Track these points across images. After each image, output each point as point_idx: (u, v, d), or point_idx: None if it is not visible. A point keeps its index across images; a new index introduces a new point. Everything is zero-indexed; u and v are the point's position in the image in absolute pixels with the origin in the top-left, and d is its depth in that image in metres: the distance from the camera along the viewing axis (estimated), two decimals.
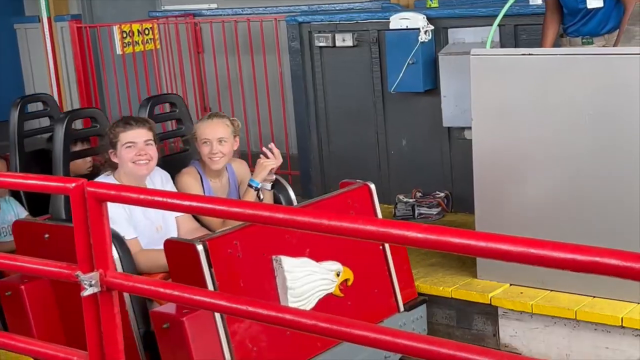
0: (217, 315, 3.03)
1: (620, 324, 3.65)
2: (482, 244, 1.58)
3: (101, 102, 7.65)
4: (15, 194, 4.27)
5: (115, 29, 6.73)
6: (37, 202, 4.18)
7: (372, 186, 3.90)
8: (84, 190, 2.28)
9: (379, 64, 5.68)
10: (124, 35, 6.66)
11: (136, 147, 3.54)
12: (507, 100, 3.99)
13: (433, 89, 5.33)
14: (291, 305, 3.29)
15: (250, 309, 2.04)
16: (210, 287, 3.06)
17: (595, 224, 3.70)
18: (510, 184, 3.97)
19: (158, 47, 7.07)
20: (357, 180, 3.93)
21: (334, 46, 5.81)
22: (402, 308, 3.78)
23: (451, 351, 1.62)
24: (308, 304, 3.35)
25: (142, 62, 7.04)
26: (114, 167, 3.68)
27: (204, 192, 3.87)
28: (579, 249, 1.45)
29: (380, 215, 3.93)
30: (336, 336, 2.01)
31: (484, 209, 4.00)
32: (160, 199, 2.36)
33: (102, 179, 3.61)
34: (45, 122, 4.95)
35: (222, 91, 6.94)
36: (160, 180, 3.81)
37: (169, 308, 3.02)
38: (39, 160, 4.32)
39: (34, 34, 8.69)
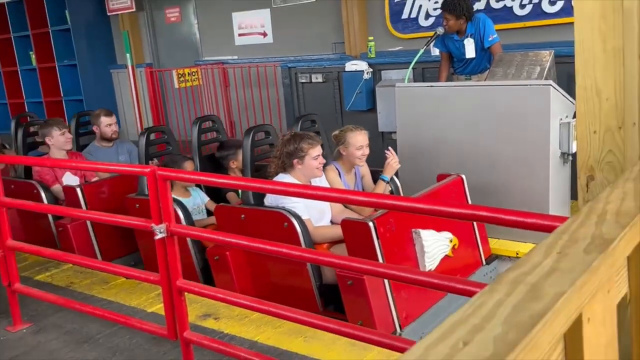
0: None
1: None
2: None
3: (165, 120, 8.28)
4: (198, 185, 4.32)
5: (174, 72, 7.51)
6: (211, 191, 4.33)
7: (463, 176, 3.87)
8: (155, 173, 2.58)
9: (339, 93, 6.46)
10: (179, 75, 7.47)
11: (319, 159, 3.59)
12: (418, 114, 4.38)
13: (372, 108, 6.04)
14: (427, 263, 3.35)
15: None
16: (379, 253, 3.10)
17: (475, 186, 3.94)
18: (422, 166, 4.27)
19: (200, 83, 7.79)
20: (451, 173, 3.88)
21: (311, 82, 6.72)
22: (484, 262, 3.85)
23: None
24: (435, 263, 3.41)
25: (191, 93, 7.84)
26: (285, 169, 3.62)
27: (343, 184, 3.87)
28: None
29: (469, 199, 3.88)
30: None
31: (405, 182, 4.18)
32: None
33: (281, 178, 3.59)
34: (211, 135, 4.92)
35: (241, 111, 7.63)
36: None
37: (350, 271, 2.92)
38: (211, 162, 4.50)
39: (122, 76, 9.19)
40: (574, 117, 3.91)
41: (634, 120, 1.53)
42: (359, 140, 3.89)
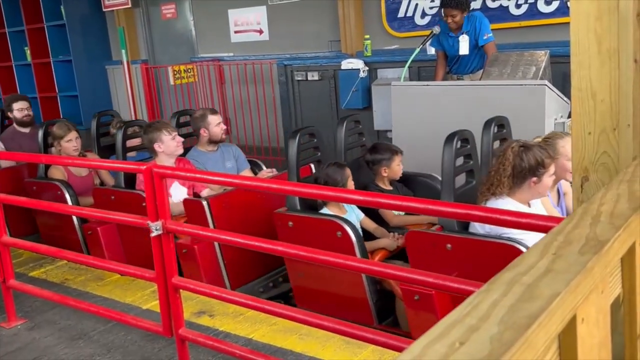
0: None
1: None
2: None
3: (161, 116, 8.20)
4: None
5: (170, 69, 7.44)
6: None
7: None
8: (152, 170, 2.57)
9: (335, 91, 6.45)
10: (175, 72, 7.42)
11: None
12: (414, 113, 4.42)
13: (368, 106, 5.98)
14: None
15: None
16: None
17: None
18: (416, 162, 4.12)
19: (196, 80, 7.74)
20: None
21: (307, 80, 6.70)
22: None
23: None
24: None
25: (186, 90, 7.82)
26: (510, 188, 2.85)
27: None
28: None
29: None
30: None
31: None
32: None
33: (502, 204, 2.75)
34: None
35: (237, 109, 7.58)
36: None
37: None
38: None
39: (118, 72, 9.15)
40: (569, 117, 3.93)
41: (629, 121, 1.54)
42: (568, 150, 2.90)
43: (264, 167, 4.47)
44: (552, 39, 5.40)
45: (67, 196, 4.35)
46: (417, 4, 6.39)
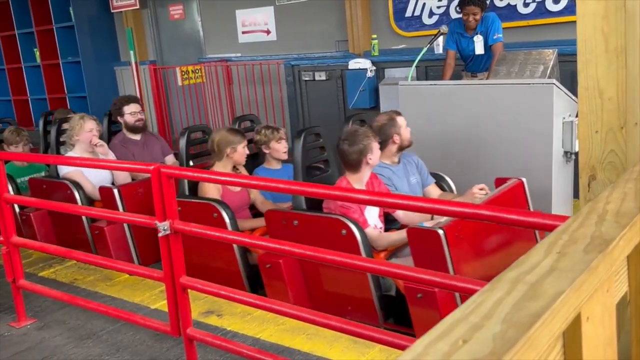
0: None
1: None
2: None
3: (169, 117, 8.36)
4: None
5: (178, 69, 7.53)
6: None
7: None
8: (159, 171, 2.59)
9: (342, 91, 6.47)
10: (183, 73, 7.48)
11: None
12: (421, 112, 4.35)
13: (375, 106, 6.04)
14: None
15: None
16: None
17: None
18: (423, 160, 4.07)
19: (204, 80, 7.81)
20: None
21: (314, 80, 6.74)
22: None
23: None
24: None
25: (194, 90, 7.88)
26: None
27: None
28: None
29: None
30: None
31: None
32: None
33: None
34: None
35: (245, 109, 7.55)
36: None
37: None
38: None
39: (126, 73, 9.21)
40: (577, 116, 3.90)
41: (636, 120, 1.54)
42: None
43: None
44: (560, 37, 5.38)
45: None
46: (424, 4, 6.38)
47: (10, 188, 4.29)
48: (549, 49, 4.51)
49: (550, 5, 5.65)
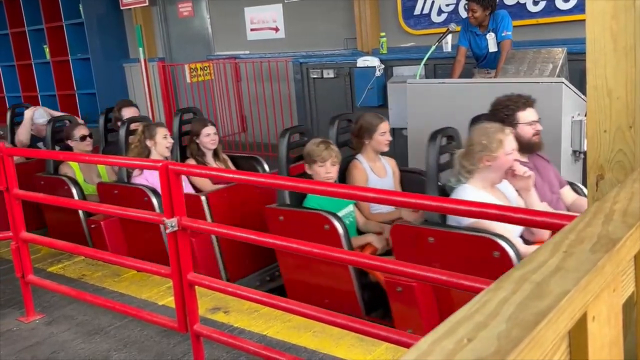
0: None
1: None
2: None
3: None
4: None
5: (186, 67, 7.52)
6: None
7: None
8: (167, 167, 2.58)
9: (350, 89, 6.49)
10: (192, 70, 7.49)
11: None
12: (430, 110, 4.37)
13: (383, 104, 6.00)
14: None
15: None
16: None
17: None
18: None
19: (212, 78, 7.81)
20: None
21: (322, 77, 6.76)
22: None
23: None
24: None
25: (202, 88, 7.88)
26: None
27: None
28: None
29: None
30: None
31: None
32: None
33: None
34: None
35: (252, 106, 7.65)
36: None
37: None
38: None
39: (135, 70, 9.28)
40: (586, 115, 3.88)
41: None
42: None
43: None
44: (569, 36, 5.36)
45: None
46: (433, 2, 6.37)
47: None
48: (558, 47, 4.49)
49: (560, 4, 5.62)
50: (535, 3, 5.75)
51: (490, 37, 4.97)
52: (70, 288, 3.47)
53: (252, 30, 8.00)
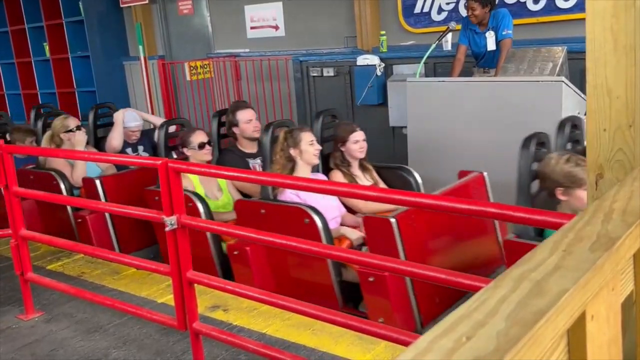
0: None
1: None
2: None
3: (177, 112, 8.38)
4: None
5: (186, 65, 7.53)
6: None
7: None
8: (167, 165, 2.58)
9: (350, 87, 6.46)
10: (192, 68, 7.49)
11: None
12: (429, 109, 4.44)
13: (383, 102, 5.99)
14: None
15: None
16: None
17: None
18: (432, 161, 4.30)
19: (212, 76, 7.81)
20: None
21: (322, 76, 6.73)
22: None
23: None
24: None
25: (202, 86, 7.92)
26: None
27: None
28: None
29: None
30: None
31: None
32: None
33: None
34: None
35: (253, 104, 7.68)
36: None
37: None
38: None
39: (135, 68, 9.23)
40: (586, 114, 3.88)
41: None
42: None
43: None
44: (570, 35, 5.35)
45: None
46: (433, 0, 6.36)
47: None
48: (558, 46, 4.50)
49: (560, 3, 5.62)
50: (536, 2, 5.75)
51: (490, 36, 4.97)
52: (70, 286, 3.47)
53: (252, 28, 7.99)
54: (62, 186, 4.53)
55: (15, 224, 3.41)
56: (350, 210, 3.77)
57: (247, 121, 4.20)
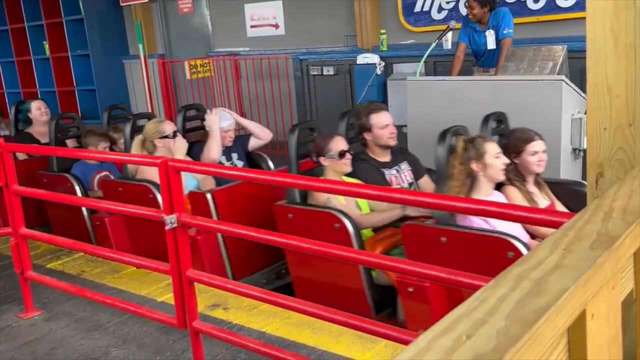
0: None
1: None
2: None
3: (177, 111, 8.50)
4: None
5: (186, 63, 7.57)
6: None
7: None
8: (167, 164, 2.58)
9: (350, 86, 6.48)
10: (191, 67, 7.53)
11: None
12: (429, 108, 4.40)
13: (383, 101, 5.93)
14: None
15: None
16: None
17: None
18: (430, 158, 4.33)
19: (212, 74, 7.85)
20: None
21: (322, 74, 6.75)
22: None
23: None
24: None
25: (202, 84, 7.93)
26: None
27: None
28: None
29: None
30: None
31: None
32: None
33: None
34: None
35: (253, 103, 7.61)
36: None
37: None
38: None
39: (135, 66, 9.26)
40: (586, 113, 3.88)
41: None
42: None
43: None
44: (570, 33, 5.36)
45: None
46: None
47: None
48: (558, 45, 4.50)
49: (560, 1, 5.62)
50: (536, 0, 5.76)
51: (490, 35, 4.97)
52: (70, 284, 3.47)
53: (252, 27, 8.00)
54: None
55: (15, 222, 3.40)
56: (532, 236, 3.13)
57: (383, 126, 3.61)
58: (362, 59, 6.28)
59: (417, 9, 6.48)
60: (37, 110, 5.42)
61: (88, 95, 9.40)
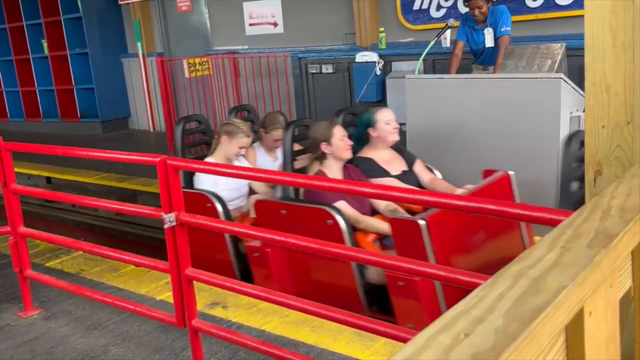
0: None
1: None
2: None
3: (176, 109, 8.33)
4: None
5: (185, 61, 7.57)
6: None
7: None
8: (165, 162, 2.56)
9: (349, 84, 6.49)
10: (190, 65, 7.51)
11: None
12: (428, 106, 4.42)
13: (382, 99, 6.03)
14: None
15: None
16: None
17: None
18: (431, 157, 4.11)
19: (211, 73, 7.83)
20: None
21: (321, 73, 6.75)
22: None
23: None
24: None
25: (201, 83, 7.92)
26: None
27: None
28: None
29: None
30: None
31: None
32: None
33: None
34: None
35: (251, 101, 7.51)
36: None
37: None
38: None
39: (133, 64, 9.28)
40: (584, 110, 3.88)
41: None
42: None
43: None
44: (568, 31, 5.35)
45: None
46: None
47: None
48: (557, 43, 4.50)
49: None
50: None
51: (488, 33, 4.97)
52: (69, 283, 3.47)
53: (250, 25, 7.99)
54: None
55: (13, 221, 3.40)
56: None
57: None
58: (361, 57, 6.29)
59: (416, 7, 6.48)
60: None
61: (87, 94, 9.41)
